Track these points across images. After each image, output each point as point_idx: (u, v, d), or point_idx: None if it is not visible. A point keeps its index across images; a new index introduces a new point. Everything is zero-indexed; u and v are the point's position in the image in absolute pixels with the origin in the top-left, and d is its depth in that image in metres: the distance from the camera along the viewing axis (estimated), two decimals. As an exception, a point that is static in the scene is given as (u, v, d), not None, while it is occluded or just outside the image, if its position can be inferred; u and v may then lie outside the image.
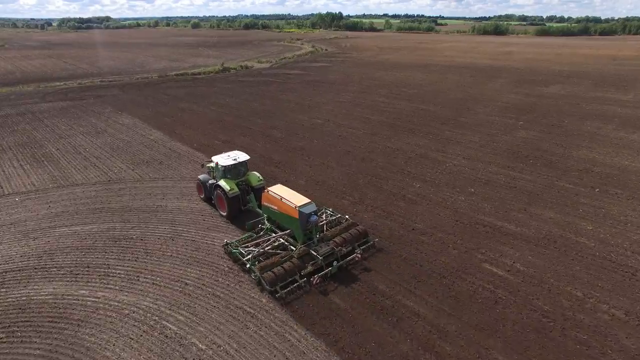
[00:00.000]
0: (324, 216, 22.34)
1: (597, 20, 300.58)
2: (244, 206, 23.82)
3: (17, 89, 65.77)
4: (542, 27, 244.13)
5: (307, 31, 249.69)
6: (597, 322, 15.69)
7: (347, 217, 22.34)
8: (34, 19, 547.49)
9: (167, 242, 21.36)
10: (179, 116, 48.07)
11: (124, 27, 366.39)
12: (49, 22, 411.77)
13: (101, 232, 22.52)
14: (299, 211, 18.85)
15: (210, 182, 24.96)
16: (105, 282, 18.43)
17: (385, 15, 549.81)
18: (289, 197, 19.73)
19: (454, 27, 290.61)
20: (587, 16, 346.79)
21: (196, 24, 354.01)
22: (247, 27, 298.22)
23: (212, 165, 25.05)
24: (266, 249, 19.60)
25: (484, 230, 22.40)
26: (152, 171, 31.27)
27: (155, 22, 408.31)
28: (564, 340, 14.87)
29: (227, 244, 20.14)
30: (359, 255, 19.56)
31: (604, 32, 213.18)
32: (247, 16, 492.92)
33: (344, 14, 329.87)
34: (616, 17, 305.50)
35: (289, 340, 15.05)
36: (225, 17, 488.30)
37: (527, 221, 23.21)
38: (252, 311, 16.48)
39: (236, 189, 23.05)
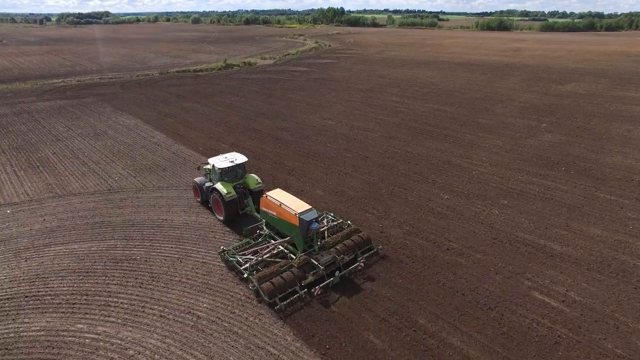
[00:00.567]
0: (325, 221, 21.32)
1: (601, 15, 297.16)
2: (241, 210, 22.66)
3: (13, 87, 63.21)
4: (546, 22, 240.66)
5: (308, 27, 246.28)
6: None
7: (349, 222, 21.41)
8: (32, 14, 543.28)
9: (175, 265, 19.11)
10: (182, 116, 45.65)
11: (123, 22, 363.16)
12: (47, 17, 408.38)
13: (101, 252, 20.25)
14: (299, 219, 17.64)
15: (206, 184, 23.85)
16: (106, 313, 16.22)
17: (386, 10, 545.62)
18: (289, 203, 18.45)
19: (457, 22, 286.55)
20: (589, 11, 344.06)
21: (196, 19, 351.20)
22: (248, 22, 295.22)
23: (209, 167, 23.73)
24: (264, 257, 18.59)
25: (526, 250, 20.15)
26: (155, 179, 28.99)
27: (155, 18, 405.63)
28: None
29: (223, 251, 18.97)
30: (362, 263, 18.51)
31: (610, 28, 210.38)
32: (247, 11, 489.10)
33: (345, 9, 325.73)
34: (619, 13, 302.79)
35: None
36: (225, 12, 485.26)
37: (572, 240, 20.95)
38: (276, 352, 14.27)
39: (233, 193, 22.08)
